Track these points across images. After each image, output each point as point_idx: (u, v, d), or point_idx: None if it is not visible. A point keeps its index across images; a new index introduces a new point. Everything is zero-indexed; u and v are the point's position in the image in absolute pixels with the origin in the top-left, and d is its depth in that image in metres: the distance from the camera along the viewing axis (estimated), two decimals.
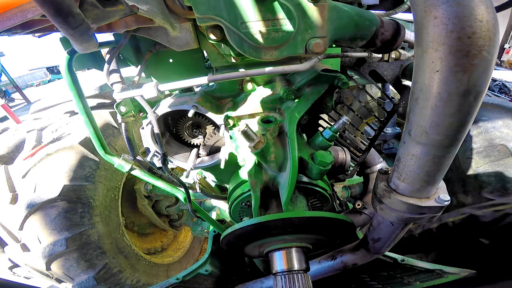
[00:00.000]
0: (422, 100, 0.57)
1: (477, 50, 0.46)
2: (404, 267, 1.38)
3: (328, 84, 1.15)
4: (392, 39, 0.97)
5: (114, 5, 0.71)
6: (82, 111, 1.17)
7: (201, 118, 1.50)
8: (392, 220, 0.86)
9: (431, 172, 0.68)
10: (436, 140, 0.60)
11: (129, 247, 2.55)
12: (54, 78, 25.86)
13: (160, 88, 1.09)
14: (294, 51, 0.95)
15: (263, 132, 1.17)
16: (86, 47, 0.77)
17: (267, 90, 1.33)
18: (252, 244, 1.13)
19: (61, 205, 2.04)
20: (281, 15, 0.88)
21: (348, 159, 1.36)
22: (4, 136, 2.80)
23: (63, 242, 2.01)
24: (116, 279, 2.32)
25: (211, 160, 1.51)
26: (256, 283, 1.48)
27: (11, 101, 17.50)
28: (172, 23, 1.01)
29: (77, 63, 1.32)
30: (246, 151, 1.45)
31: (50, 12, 0.56)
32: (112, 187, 2.44)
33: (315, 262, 1.35)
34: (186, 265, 3.36)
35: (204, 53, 1.57)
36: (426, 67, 0.53)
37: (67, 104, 2.75)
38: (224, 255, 1.62)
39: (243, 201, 1.39)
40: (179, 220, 3.17)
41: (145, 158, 1.40)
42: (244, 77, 1.13)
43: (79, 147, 2.18)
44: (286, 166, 1.11)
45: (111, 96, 1.51)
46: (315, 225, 1.03)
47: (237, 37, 0.91)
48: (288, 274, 1.02)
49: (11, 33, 0.85)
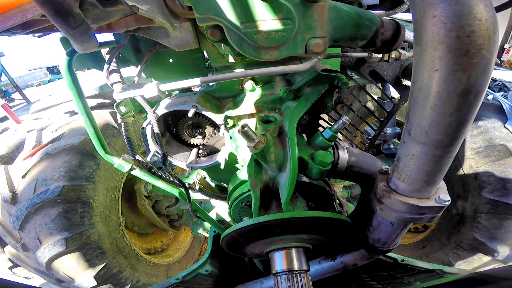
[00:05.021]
0: (421, 100, 0.57)
1: (477, 48, 0.46)
2: (404, 267, 1.38)
3: (328, 84, 1.15)
4: (392, 39, 0.97)
5: (114, 5, 0.71)
6: (82, 111, 1.17)
7: (201, 118, 1.50)
8: (392, 220, 0.86)
9: (431, 172, 0.68)
10: (435, 140, 0.60)
11: (129, 247, 2.55)
12: (54, 78, 25.91)
13: (161, 88, 1.09)
14: (294, 51, 0.95)
15: (263, 132, 1.17)
16: (86, 47, 0.77)
17: (267, 90, 1.33)
18: (252, 244, 1.13)
19: (61, 205, 2.04)
20: (281, 15, 0.88)
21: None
22: (4, 136, 2.81)
23: (63, 242, 2.01)
24: (116, 279, 2.32)
25: (211, 160, 1.51)
26: (256, 283, 1.48)
27: (11, 101, 17.52)
28: (172, 23, 1.01)
29: (77, 63, 1.32)
30: (246, 151, 1.45)
31: (50, 12, 0.56)
32: (112, 187, 2.44)
33: (315, 262, 1.35)
34: (186, 265, 3.36)
35: (204, 53, 1.57)
36: (425, 66, 0.53)
37: (67, 104, 2.75)
38: (224, 255, 1.62)
39: (243, 201, 1.40)
40: (179, 220, 3.17)
41: (145, 158, 1.40)
42: (244, 77, 1.13)
43: (79, 147, 2.18)
44: (286, 166, 1.11)
45: (111, 96, 1.51)
46: (315, 225, 1.03)
47: (237, 37, 0.92)
48: (288, 274, 1.02)
49: (11, 33, 0.85)
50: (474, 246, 2.20)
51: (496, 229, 2.06)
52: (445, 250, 2.42)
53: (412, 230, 2.98)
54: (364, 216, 1.21)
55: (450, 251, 2.38)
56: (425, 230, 2.84)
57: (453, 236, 2.35)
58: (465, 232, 2.23)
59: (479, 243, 2.15)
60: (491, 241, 2.09)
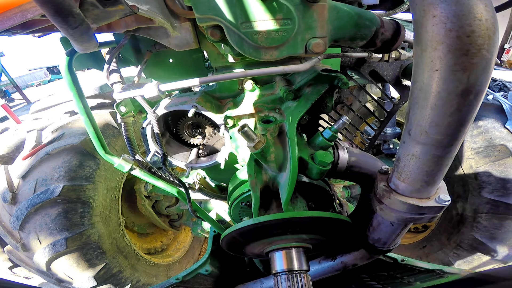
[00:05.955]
0: (421, 100, 0.57)
1: (477, 48, 0.46)
2: (404, 267, 1.38)
3: (328, 84, 1.15)
4: (392, 39, 0.97)
5: (114, 5, 0.71)
6: (82, 111, 1.17)
7: (201, 118, 1.50)
8: (392, 220, 0.86)
9: (431, 172, 0.68)
10: (435, 140, 0.60)
11: (129, 247, 2.55)
12: (54, 78, 25.91)
13: (161, 88, 1.09)
14: (294, 51, 0.95)
15: (263, 132, 1.17)
16: (86, 47, 0.77)
17: (267, 90, 1.33)
18: (252, 244, 1.13)
19: (61, 205, 2.04)
20: (281, 15, 0.88)
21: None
22: (4, 136, 2.81)
23: (63, 242, 2.01)
24: (116, 279, 2.32)
25: (211, 160, 1.51)
26: (256, 283, 1.48)
27: (11, 101, 17.52)
28: (172, 23, 1.01)
29: (77, 63, 1.32)
30: (246, 151, 1.45)
31: (50, 12, 0.56)
32: (112, 187, 2.44)
33: (315, 262, 1.35)
34: (186, 265, 3.36)
35: (204, 53, 1.57)
36: (425, 66, 0.53)
37: (67, 104, 2.75)
38: (224, 255, 1.62)
39: (243, 201, 1.40)
40: (179, 220, 3.17)
41: (145, 158, 1.40)
42: (244, 77, 1.13)
43: (79, 147, 2.18)
44: (286, 166, 1.11)
45: (111, 96, 1.51)
46: (315, 225, 1.03)
47: (237, 37, 0.92)
48: (288, 274, 1.02)
49: (11, 33, 0.85)
50: (474, 246, 2.20)
51: (496, 229, 2.06)
52: (445, 250, 2.42)
53: (412, 230, 2.98)
54: (364, 216, 1.21)
55: (450, 251, 2.38)
56: (425, 230, 2.84)
57: (453, 236, 2.35)
58: (465, 232, 2.24)
59: (479, 243, 2.15)
60: (491, 241, 2.09)
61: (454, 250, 2.34)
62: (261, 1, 0.85)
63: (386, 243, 1.06)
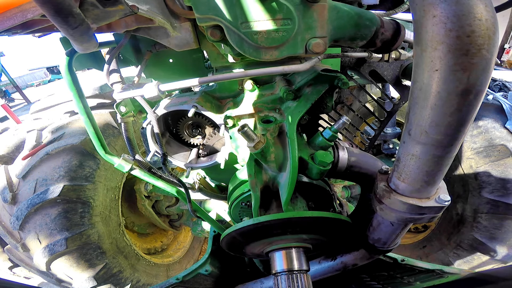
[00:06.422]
0: (421, 100, 0.57)
1: (477, 48, 0.46)
2: (404, 267, 1.38)
3: (328, 84, 1.15)
4: (392, 39, 0.97)
5: (114, 5, 0.72)
6: (82, 111, 1.17)
7: (201, 118, 1.50)
8: (392, 220, 0.86)
9: (431, 172, 0.68)
10: (435, 140, 0.60)
11: (129, 247, 2.55)
12: (54, 78, 25.92)
13: (161, 88, 1.09)
14: (294, 51, 0.95)
15: (263, 132, 1.17)
16: (86, 47, 0.77)
17: (267, 90, 1.33)
18: (252, 244, 1.13)
19: (61, 205, 2.04)
20: (281, 15, 0.88)
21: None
22: (4, 136, 2.80)
23: (63, 242, 2.01)
24: (116, 279, 2.32)
25: (211, 160, 1.51)
26: (256, 283, 1.48)
27: (11, 101, 17.53)
28: (172, 23, 1.01)
29: (77, 63, 1.32)
30: (246, 151, 1.45)
31: (50, 12, 0.56)
32: (112, 187, 2.44)
33: (315, 262, 1.35)
34: (186, 265, 3.36)
35: (204, 53, 1.57)
36: (425, 66, 0.53)
37: (67, 104, 2.75)
38: (224, 255, 1.62)
39: (243, 201, 1.40)
40: (179, 220, 3.17)
41: (145, 158, 1.40)
42: (244, 77, 1.13)
43: (79, 147, 2.18)
44: (286, 166, 1.11)
45: (111, 96, 1.51)
46: (315, 225, 1.03)
47: (237, 37, 0.92)
48: (288, 274, 1.02)
49: (11, 33, 0.85)
50: (474, 246, 2.20)
51: (496, 229, 2.06)
52: (445, 250, 2.42)
53: (412, 230, 2.98)
54: (364, 216, 1.21)
55: (450, 251, 2.38)
56: (425, 230, 2.84)
57: (453, 236, 2.35)
58: (465, 232, 2.24)
59: (479, 243, 2.15)
60: (491, 241, 2.09)
61: (454, 250, 2.34)
62: (261, 1, 0.85)
63: (386, 243, 1.06)
